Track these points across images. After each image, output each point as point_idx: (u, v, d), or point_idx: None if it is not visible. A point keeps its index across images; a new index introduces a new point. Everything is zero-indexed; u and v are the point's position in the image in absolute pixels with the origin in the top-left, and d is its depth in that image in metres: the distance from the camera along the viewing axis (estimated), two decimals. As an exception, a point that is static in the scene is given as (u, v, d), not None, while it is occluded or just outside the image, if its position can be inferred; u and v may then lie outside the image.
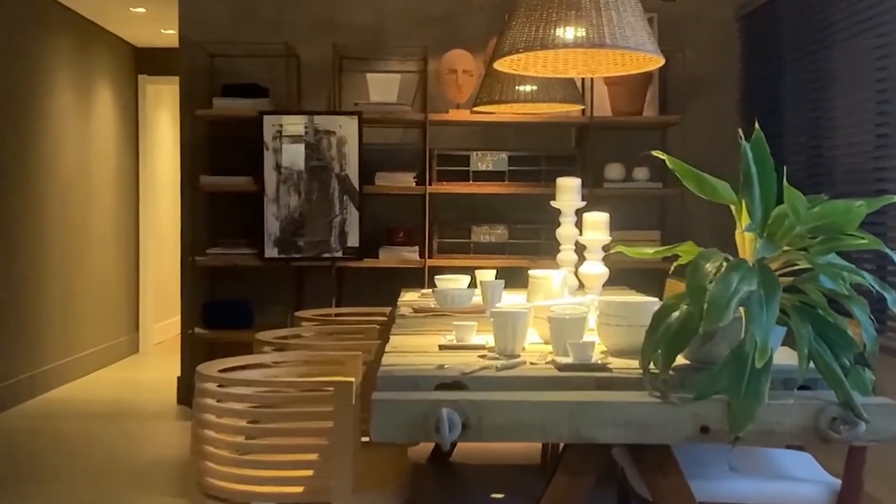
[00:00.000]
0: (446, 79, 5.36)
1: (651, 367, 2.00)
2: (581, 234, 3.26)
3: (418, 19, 5.72)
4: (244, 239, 5.44)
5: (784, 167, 2.05)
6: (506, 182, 5.40)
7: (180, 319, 5.86)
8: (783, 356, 2.12)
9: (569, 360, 2.17)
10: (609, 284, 3.34)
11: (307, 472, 2.48)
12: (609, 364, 2.17)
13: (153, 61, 8.19)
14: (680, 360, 2.06)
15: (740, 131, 2.13)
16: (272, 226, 5.31)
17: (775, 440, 1.93)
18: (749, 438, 1.87)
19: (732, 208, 2.16)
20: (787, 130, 4.97)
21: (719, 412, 1.89)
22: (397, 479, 2.67)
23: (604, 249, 3.24)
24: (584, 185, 3.77)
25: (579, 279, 3.29)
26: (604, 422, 1.88)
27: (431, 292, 3.52)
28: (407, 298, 3.90)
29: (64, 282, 6.68)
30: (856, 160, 4.34)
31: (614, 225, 3.33)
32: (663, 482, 2.07)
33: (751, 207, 2.08)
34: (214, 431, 2.54)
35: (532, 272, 3.04)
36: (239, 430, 2.54)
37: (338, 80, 5.61)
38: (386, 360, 2.25)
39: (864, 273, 2.06)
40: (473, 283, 3.66)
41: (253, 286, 5.65)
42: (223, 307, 5.52)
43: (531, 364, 2.22)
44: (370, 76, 5.49)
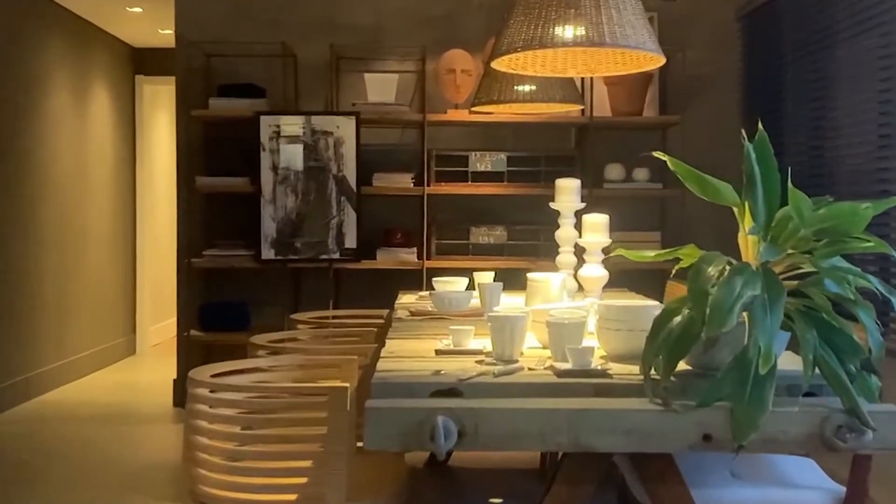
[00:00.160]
0: (444, 79, 5.31)
1: (652, 374, 1.95)
2: (580, 236, 3.21)
3: (416, 19, 5.68)
4: (241, 240, 5.39)
5: (788, 168, 2.00)
6: (505, 183, 5.36)
7: (176, 321, 5.82)
8: (787, 361, 2.08)
9: (568, 366, 2.12)
10: (609, 286, 3.30)
11: (301, 480, 2.44)
12: (609, 370, 2.13)
13: (150, 61, 8.14)
14: (681, 366, 2.02)
15: (743, 132, 2.08)
16: (269, 227, 5.26)
17: (780, 448, 1.88)
18: (753, 447, 1.83)
19: (735, 210, 2.11)
20: (789, 131, 4.92)
21: (722, 420, 1.84)
22: (393, 485, 2.63)
23: (604, 252, 3.20)
24: (584, 186, 3.73)
25: (579, 282, 3.24)
26: (604, 430, 1.83)
27: (429, 295, 3.47)
28: (404, 301, 3.85)
29: (59, 283, 6.63)
30: (858, 161, 4.30)
31: (614, 226, 3.29)
32: (665, 491, 2.03)
33: (754, 210, 2.03)
34: (207, 438, 2.50)
35: (530, 275, 2.99)
36: (231, 437, 2.50)
37: (335, 81, 5.57)
38: (381, 366, 2.20)
39: (870, 276, 2.02)
40: (472, 286, 3.62)
41: (250, 288, 5.61)
42: (219, 309, 5.48)
43: (529, 370, 2.17)
44: (368, 76, 5.45)
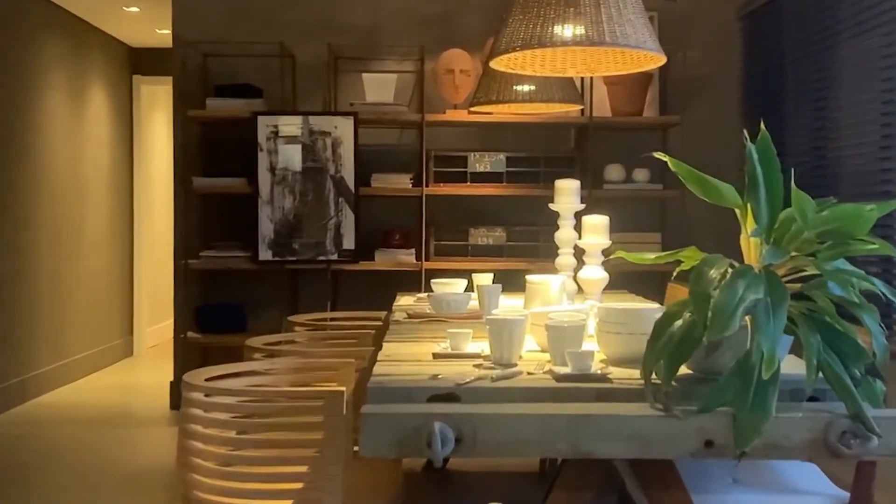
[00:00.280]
0: (443, 79, 5.27)
1: (653, 378, 1.92)
2: (580, 238, 3.17)
3: (415, 18, 5.64)
4: (238, 241, 5.36)
5: (792, 169, 1.97)
6: (504, 183, 5.32)
7: (173, 323, 5.78)
8: (790, 365, 2.04)
9: (567, 371, 2.09)
10: (609, 288, 3.26)
11: (297, 485, 2.40)
12: (609, 374, 2.09)
13: (148, 61, 8.10)
14: (683, 370, 1.98)
15: (745, 132, 2.04)
16: (266, 228, 5.23)
17: (783, 455, 1.84)
18: (755, 453, 1.79)
19: (737, 212, 2.08)
20: (790, 132, 4.89)
21: (724, 426, 1.80)
22: (390, 490, 2.60)
23: (603, 254, 3.16)
24: (584, 187, 3.69)
25: (578, 284, 3.20)
26: (604, 436, 1.80)
27: (427, 297, 3.43)
28: (402, 303, 3.81)
29: (55, 285, 6.59)
30: (860, 162, 4.26)
31: (614, 227, 3.25)
32: (666, 498, 1.99)
33: (756, 211, 1.99)
34: (201, 443, 2.46)
35: (529, 277, 2.95)
36: (226, 442, 2.46)
37: (333, 81, 5.53)
38: (377, 370, 2.16)
39: (875, 279, 1.98)
40: (471, 287, 3.58)
41: (247, 289, 5.57)
42: (216, 311, 5.44)
43: (528, 374, 2.13)
44: (366, 76, 5.41)
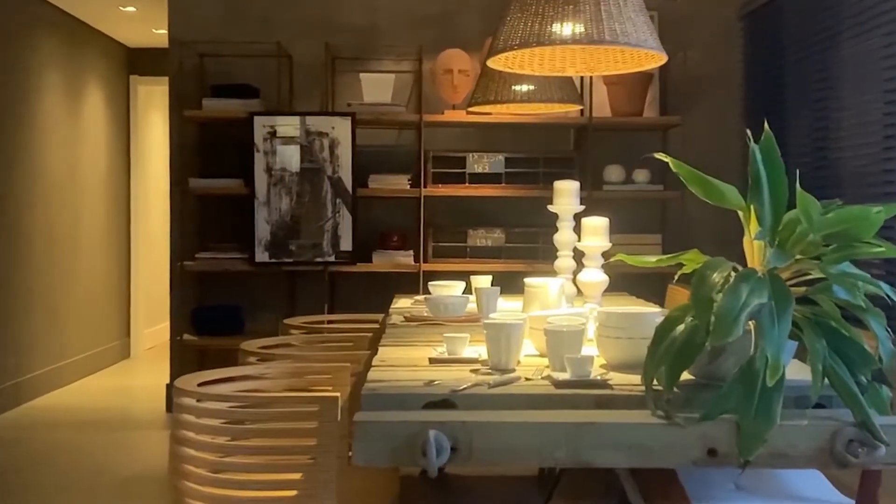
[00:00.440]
0: (441, 79, 5.23)
1: (654, 385, 1.87)
2: (580, 240, 3.12)
3: (413, 18, 5.60)
4: (235, 243, 5.31)
5: (797, 170, 1.92)
6: (503, 184, 5.28)
7: (170, 325, 5.73)
8: (794, 371, 1.99)
9: (566, 376, 2.04)
10: (609, 290, 3.21)
11: (290, 493, 2.36)
12: (609, 380, 2.04)
13: (145, 62, 8.05)
14: (685, 376, 1.93)
15: (748, 132, 2.00)
16: (263, 229, 5.18)
17: (788, 464, 1.79)
18: (760, 462, 1.74)
19: (740, 214, 2.03)
20: (791, 132, 4.84)
21: (728, 434, 1.75)
22: (387, 496, 2.55)
23: (603, 256, 3.11)
24: (584, 188, 3.65)
25: (578, 287, 3.15)
26: (604, 445, 1.75)
27: (424, 299, 3.38)
28: (399, 305, 3.77)
29: (51, 286, 6.54)
30: (862, 163, 4.22)
31: (614, 228, 3.20)
32: (667, 506, 1.95)
33: (760, 213, 1.94)
34: (193, 449, 2.41)
35: (528, 280, 2.90)
36: (218, 449, 2.41)
37: (331, 81, 5.48)
38: (372, 376, 2.11)
39: (881, 283, 1.93)
40: (469, 289, 3.53)
41: (244, 291, 5.52)
42: (213, 313, 5.39)
43: (526, 380, 2.09)
44: (364, 76, 5.36)
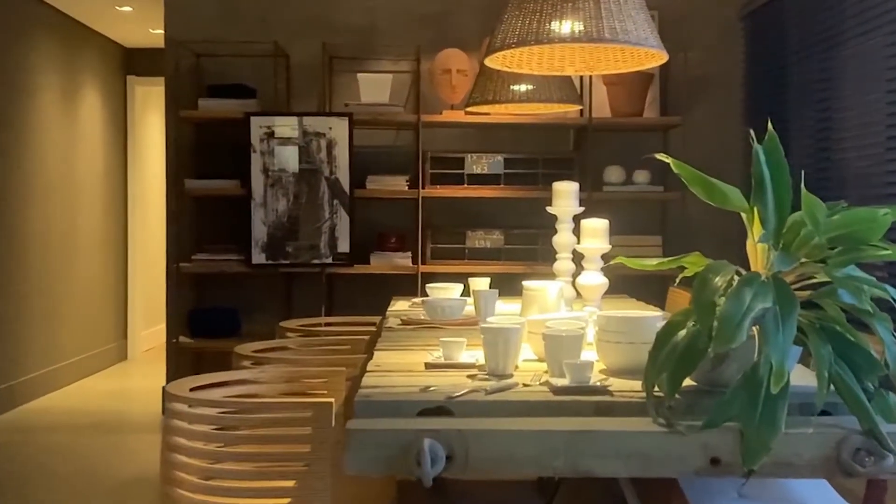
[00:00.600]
0: (440, 79, 5.18)
1: (655, 391, 1.82)
2: (579, 242, 3.07)
3: (411, 18, 5.55)
4: (231, 244, 5.26)
5: (802, 171, 1.87)
6: (502, 185, 5.23)
7: (166, 327, 5.68)
8: (798, 376, 1.94)
9: (565, 382, 1.99)
10: (609, 293, 3.16)
11: (284, 501, 2.31)
12: (609, 386, 1.99)
13: (142, 62, 8.01)
14: (687, 382, 1.88)
15: (751, 132, 1.95)
16: (260, 231, 5.13)
17: (793, 473, 1.74)
18: (764, 471, 1.69)
19: (743, 216, 1.98)
20: (793, 133, 4.79)
21: (731, 442, 1.71)
22: (383, 503, 2.51)
23: (603, 258, 3.06)
24: (583, 189, 3.60)
25: (577, 290, 3.10)
26: (603, 453, 1.70)
27: (421, 302, 3.33)
28: (397, 308, 3.72)
29: (47, 288, 6.50)
30: (865, 164, 4.17)
31: (614, 229, 3.16)
32: (668, 516, 1.90)
33: (763, 215, 1.90)
34: (185, 456, 2.36)
35: (526, 283, 2.85)
36: (210, 455, 2.36)
37: (328, 81, 5.44)
38: (366, 381, 2.06)
39: (888, 286, 1.89)
40: (467, 292, 3.49)
41: (240, 293, 5.47)
42: (209, 315, 5.34)
43: (524, 386, 2.04)
44: (361, 76, 5.31)
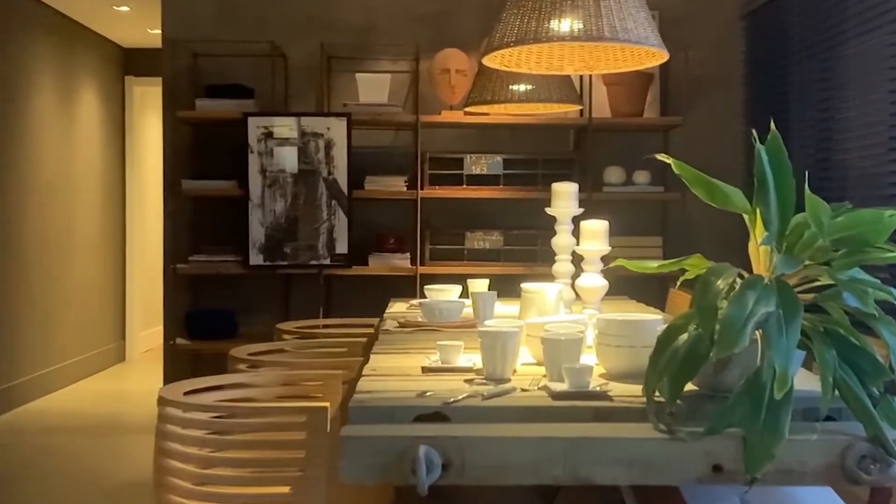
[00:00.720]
0: (439, 79, 5.14)
1: (656, 396, 1.78)
2: (578, 244, 3.03)
3: (410, 17, 5.51)
4: (228, 245, 5.22)
5: (806, 172, 1.84)
6: (501, 186, 5.19)
7: (163, 329, 5.64)
8: (801, 381, 1.90)
9: (564, 387, 1.95)
10: (609, 294, 3.12)
11: (278, 507, 2.27)
12: (609, 391, 1.96)
13: (140, 62, 7.98)
14: (688, 387, 1.84)
15: (754, 132, 1.92)
16: (257, 232, 5.09)
17: (797, 480, 1.71)
18: (767, 479, 1.66)
19: (745, 218, 1.94)
20: (795, 133, 4.75)
21: (733, 449, 1.67)
22: (379, 510, 2.46)
23: (603, 260, 3.03)
24: (583, 190, 3.57)
25: (576, 292, 3.07)
26: (603, 461, 1.66)
27: (419, 304, 3.30)
28: (394, 310, 3.69)
29: (44, 289, 6.46)
30: (867, 164, 4.14)
31: (614, 230, 3.12)
32: (670, 524, 1.86)
33: (766, 217, 1.86)
34: (178, 462, 2.33)
35: (525, 286, 2.81)
36: (203, 461, 2.33)
37: (326, 81, 5.40)
38: (361, 386, 2.03)
39: (893, 289, 1.85)
40: (466, 293, 3.45)
41: (238, 295, 5.43)
42: (206, 317, 5.30)
43: (522, 391, 2.00)
44: (360, 76, 5.27)
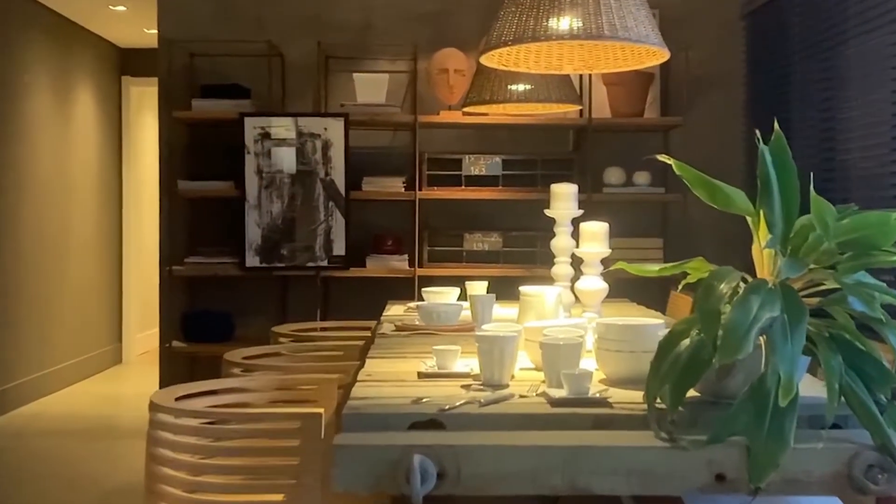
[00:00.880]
0: (437, 79, 5.09)
1: (657, 403, 1.74)
2: (578, 246, 2.99)
3: (408, 16, 5.46)
4: (225, 247, 5.17)
5: (811, 174, 1.79)
6: (500, 187, 5.14)
7: (158, 331, 5.60)
8: (806, 387, 1.85)
9: (563, 394, 1.91)
10: (609, 296, 3.08)
11: (272, 515, 2.23)
12: (609, 398, 1.91)
13: (137, 62, 7.93)
14: (690, 393, 1.80)
15: (757, 132, 1.87)
16: (254, 233, 5.05)
17: (802, 490, 1.66)
18: (772, 489, 1.61)
19: (749, 220, 1.90)
20: (796, 133, 4.71)
21: (737, 458, 1.63)
22: (375, 517, 2.42)
23: (603, 262, 2.98)
24: (583, 191, 3.52)
25: (576, 295, 3.02)
26: (603, 470, 1.62)
27: (416, 307, 3.25)
28: (392, 312, 3.64)
29: (40, 290, 6.41)
30: (870, 165, 4.10)
31: (614, 232, 3.08)
32: (671, 534, 1.81)
33: (770, 219, 1.82)
34: (170, 468, 2.29)
35: (523, 289, 2.77)
36: (195, 468, 2.28)
37: (323, 81, 5.35)
38: (356, 392, 1.98)
39: (899, 293, 1.80)
40: (464, 296, 3.41)
41: (235, 297, 5.38)
42: (203, 319, 5.25)
43: (520, 397, 1.96)
44: (357, 76, 5.23)
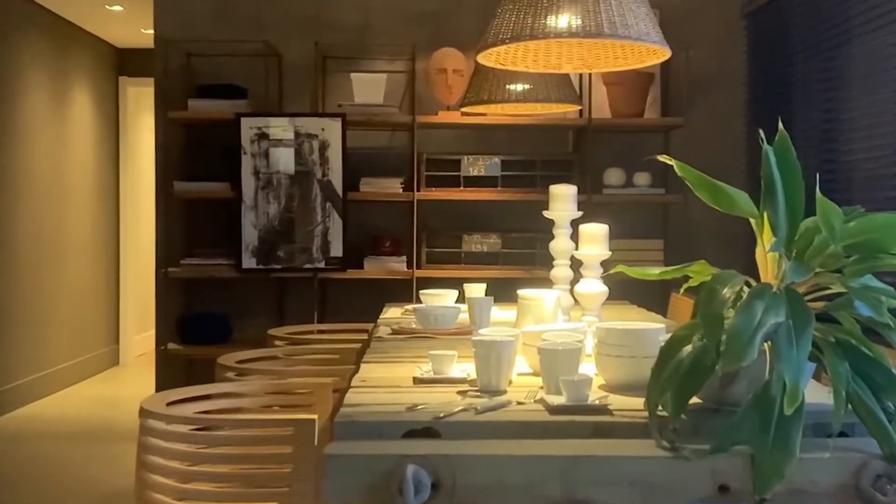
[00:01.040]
0: (435, 79, 5.05)
1: (659, 411, 1.69)
2: (577, 248, 2.94)
3: (406, 16, 5.42)
4: (221, 248, 5.12)
5: (817, 175, 1.74)
6: (499, 188, 5.10)
7: (155, 334, 5.55)
8: (812, 394, 1.80)
9: (561, 400, 1.86)
10: (609, 298, 3.03)
11: (264, 523, 2.18)
12: (609, 404, 1.86)
13: (134, 62, 7.89)
14: (693, 400, 1.75)
15: (761, 132, 1.82)
16: (250, 234, 5.00)
17: (808, 501, 1.62)
18: (777, 500, 1.57)
19: (752, 222, 1.85)
20: (798, 134, 4.66)
21: (741, 468, 1.58)
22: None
23: (602, 265, 2.93)
24: (583, 192, 3.48)
25: (575, 298, 2.97)
26: (603, 480, 1.57)
27: (413, 309, 3.20)
28: (389, 315, 3.59)
29: (36, 291, 6.37)
30: (872, 165, 4.05)
31: (614, 233, 3.03)
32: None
33: (774, 221, 1.77)
34: (160, 476, 2.24)
35: (521, 292, 2.72)
36: (185, 476, 2.23)
37: (321, 81, 5.31)
38: (349, 399, 1.93)
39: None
40: (463, 298, 3.36)
41: (231, 298, 5.34)
42: (199, 321, 5.20)
43: (518, 404, 1.91)
44: (355, 76, 5.18)
